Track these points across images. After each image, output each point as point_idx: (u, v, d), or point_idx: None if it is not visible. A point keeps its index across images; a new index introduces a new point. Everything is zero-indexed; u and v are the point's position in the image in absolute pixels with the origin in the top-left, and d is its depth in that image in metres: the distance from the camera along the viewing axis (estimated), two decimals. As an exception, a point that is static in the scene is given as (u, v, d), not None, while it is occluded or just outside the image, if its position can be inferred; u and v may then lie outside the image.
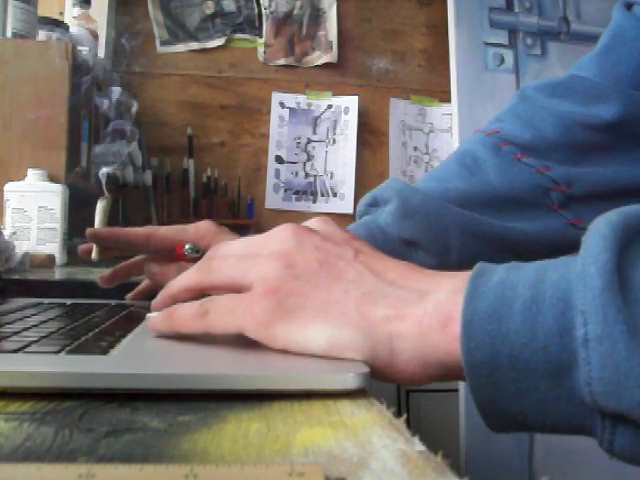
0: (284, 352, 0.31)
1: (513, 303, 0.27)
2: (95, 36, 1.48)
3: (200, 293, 0.36)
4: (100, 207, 0.68)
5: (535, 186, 0.57)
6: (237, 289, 0.33)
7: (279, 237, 0.34)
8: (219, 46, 1.91)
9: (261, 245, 0.35)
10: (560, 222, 0.57)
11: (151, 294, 0.55)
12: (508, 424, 0.28)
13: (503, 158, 0.58)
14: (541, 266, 0.28)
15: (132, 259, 0.57)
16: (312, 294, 0.31)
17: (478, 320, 0.27)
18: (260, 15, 1.93)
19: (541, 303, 0.26)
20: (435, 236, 0.53)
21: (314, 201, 1.90)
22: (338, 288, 0.31)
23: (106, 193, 0.69)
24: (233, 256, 0.35)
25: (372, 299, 0.31)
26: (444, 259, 0.53)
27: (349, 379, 0.27)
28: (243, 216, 1.88)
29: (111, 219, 0.66)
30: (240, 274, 0.33)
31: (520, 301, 0.26)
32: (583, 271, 0.25)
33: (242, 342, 0.34)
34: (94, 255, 0.54)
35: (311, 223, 0.37)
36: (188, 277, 0.36)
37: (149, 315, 0.36)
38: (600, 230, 0.26)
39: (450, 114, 1.82)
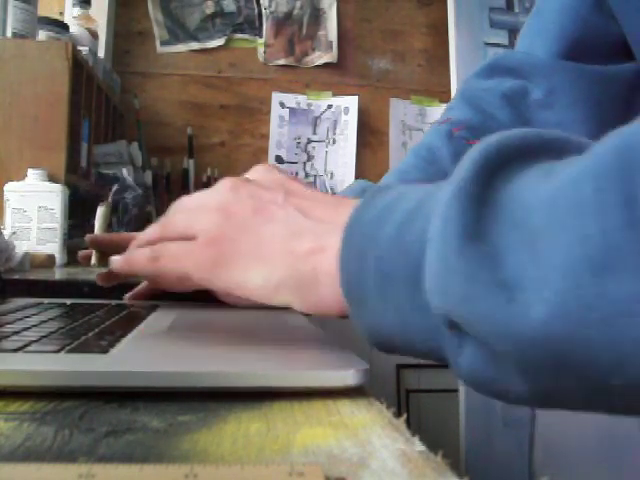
0: (283, 350, 0.31)
1: (395, 212, 0.29)
2: (95, 36, 1.48)
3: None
4: (100, 212, 0.68)
5: None
6: (186, 239, 0.37)
7: (220, 190, 0.38)
8: (219, 46, 1.91)
9: (205, 199, 0.39)
10: None
11: (150, 295, 0.55)
12: (382, 340, 0.30)
13: (456, 144, 0.60)
14: (433, 185, 0.29)
15: None
16: (246, 239, 0.34)
17: (358, 227, 0.29)
18: (260, 15, 1.93)
19: (414, 216, 0.28)
20: None
21: (314, 201, 1.90)
22: (269, 230, 0.34)
23: (110, 199, 0.69)
24: (183, 211, 0.40)
25: (299, 236, 0.33)
26: None
27: (349, 376, 0.27)
28: (243, 216, 1.88)
29: (111, 220, 0.66)
30: (187, 226, 0.37)
31: (399, 213, 0.28)
32: (444, 187, 0.26)
33: (242, 341, 0.34)
34: (94, 261, 0.54)
35: (251, 172, 0.41)
36: (149, 231, 0.41)
37: (113, 257, 0.41)
38: (470, 153, 0.27)
39: (450, 114, 1.82)
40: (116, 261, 0.41)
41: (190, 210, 0.39)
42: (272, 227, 0.34)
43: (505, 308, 0.24)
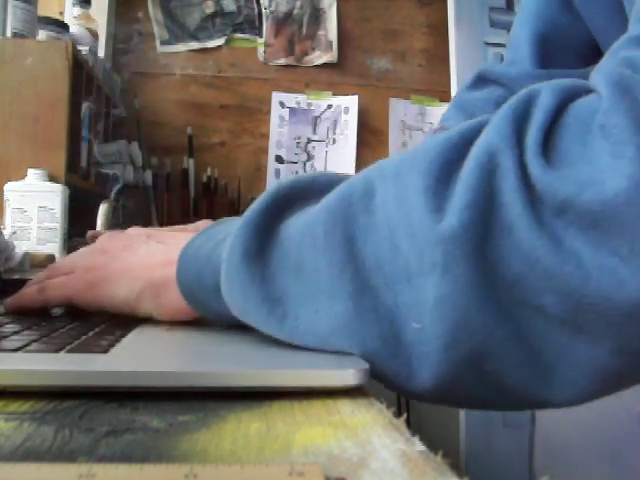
0: (283, 349, 0.31)
1: (212, 239, 0.36)
2: (95, 36, 1.47)
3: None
4: (102, 210, 0.68)
5: None
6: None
7: (99, 240, 0.47)
8: (219, 46, 1.91)
9: (87, 248, 0.48)
10: None
11: None
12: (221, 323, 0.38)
13: None
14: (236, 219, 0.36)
15: None
16: (114, 264, 0.42)
17: (190, 250, 0.38)
18: (260, 15, 1.93)
19: (222, 240, 0.35)
20: None
21: (314, 201, 1.90)
22: (133, 256, 0.42)
23: (112, 198, 0.69)
24: (68, 258, 0.49)
25: (154, 255, 0.41)
26: None
27: (349, 376, 0.27)
28: (243, 216, 1.88)
29: (112, 218, 0.66)
30: (70, 266, 0.45)
31: (215, 239, 0.36)
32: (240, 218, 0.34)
33: (242, 340, 0.34)
34: None
35: (125, 231, 0.50)
36: (39, 275, 0.47)
37: (5, 301, 0.46)
38: (264, 193, 0.34)
39: (450, 114, 1.82)
40: (8, 302, 0.46)
41: (73, 256, 0.48)
42: (135, 254, 0.43)
43: (269, 319, 0.31)
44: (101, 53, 1.67)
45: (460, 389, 0.30)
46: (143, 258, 0.42)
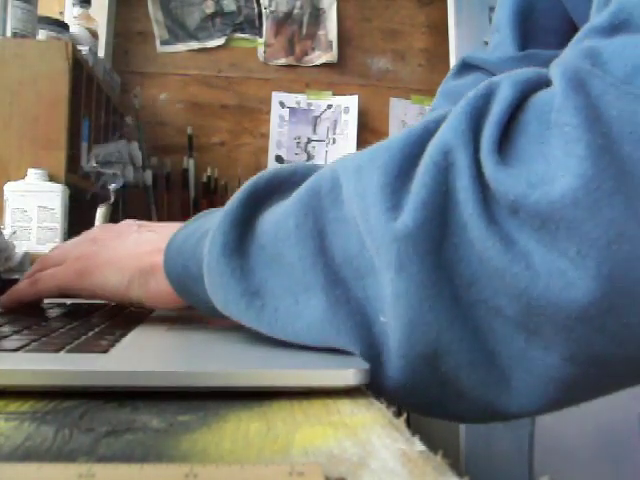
0: (283, 350, 0.31)
1: (197, 231, 0.36)
2: (95, 36, 1.47)
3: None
4: (100, 212, 0.68)
5: None
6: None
7: (91, 231, 0.48)
8: (219, 46, 1.91)
9: (78, 238, 0.48)
10: None
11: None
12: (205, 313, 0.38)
13: None
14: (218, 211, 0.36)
15: None
16: (105, 252, 0.43)
17: (176, 241, 0.38)
18: (260, 15, 1.93)
19: (205, 234, 0.35)
20: None
21: (314, 201, 1.90)
22: (123, 244, 0.43)
23: (112, 198, 0.69)
24: (58, 248, 0.49)
25: (143, 244, 0.42)
26: None
27: (349, 375, 0.27)
28: (243, 216, 1.88)
29: (111, 220, 0.66)
30: (61, 258, 0.45)
31: (200, 232, 0.36)
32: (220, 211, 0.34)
33: (242, 340, 0.34)
34: None
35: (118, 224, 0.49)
36: (20, 292, 0.47)
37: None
38: (244, 186, 0.34)
39: (450, 114, 1.82)
40: (1, 299, 0.47)
41: (64, 246, 0.48)
42: (125, 243, 0.43)
43: (248, 312, 0.32)
44: (101, 53, 1.67)
45: (420, 389, 0.30)
46: (133, 246, 0.42)
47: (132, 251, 0.42)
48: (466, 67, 0.65)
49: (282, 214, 0.31)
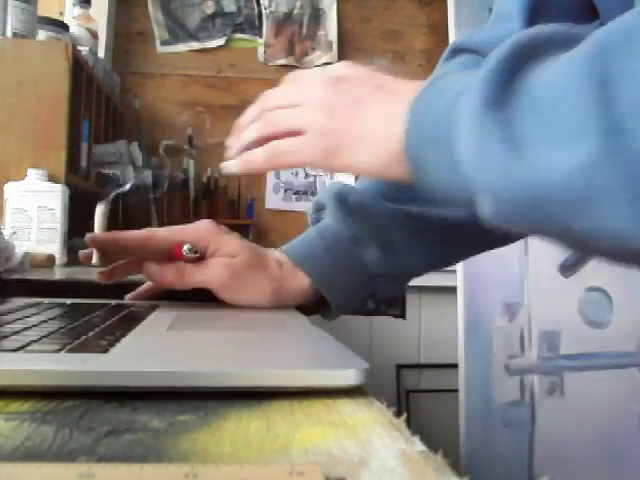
0: (283, 349, 0.31)
1: (451, 89, 0.36)
2: (95, 36, 1.47)
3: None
4: (99, 211, 0.68)
5: None
6: (293, 135, 0.43)
7: (317, 85, 0.44)
8: (219, 46, 1.91)
9: (304, 96, 0.44)
10: None
11: (152, 296, 0.55)
12: (430, 191, 0.38)
13: None
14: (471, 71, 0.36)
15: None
16: (350, 128, 0.41)
17: (423, 104, 0.37)
18: (260, 15, 1.93)
19: (458, 93, 0.35)
20: (375, 233, 0.55)
21: (314, 201, 1.90)
22: (365, 119, 0.40)
23: (111, 198, 0.69)
24: (284, 107, 0.46)
25: (388, 116, 0.39)
26: (391, 254, 0.55)
27: (349, 375, 0.27)
28: (243, 216, 1.88)
29: (111, 220, 0.66)
30: (293, 124, 0.43)
31: (453, 91, 0.36)
32: (479, 70, 0.34)
33: (242, 340, 0.34)
34: (95, 260, 0.54)
35: (336, 69, 0.45)
36: (254, 130, 0.46)
37: (227, 162, 0.47)
38: (503, 45, 0.34)
39: (450, 114, 1.82)
40: (232, 164, 0.46)
41: (292, 107, 0.45)
42: (368, 113, 0.40)
43: (502, 158, 0.31)
44: (101, 53, 1.67)
45: None
46: (378, 120, 0.40)
47: (379, 128, 0.40)
48: (457, 51, 0.65)
49: (561, 65, 0.31)
